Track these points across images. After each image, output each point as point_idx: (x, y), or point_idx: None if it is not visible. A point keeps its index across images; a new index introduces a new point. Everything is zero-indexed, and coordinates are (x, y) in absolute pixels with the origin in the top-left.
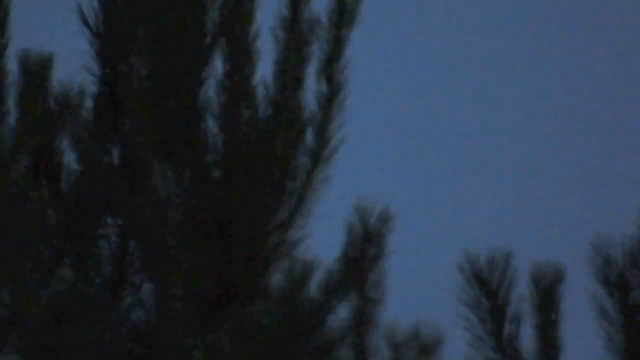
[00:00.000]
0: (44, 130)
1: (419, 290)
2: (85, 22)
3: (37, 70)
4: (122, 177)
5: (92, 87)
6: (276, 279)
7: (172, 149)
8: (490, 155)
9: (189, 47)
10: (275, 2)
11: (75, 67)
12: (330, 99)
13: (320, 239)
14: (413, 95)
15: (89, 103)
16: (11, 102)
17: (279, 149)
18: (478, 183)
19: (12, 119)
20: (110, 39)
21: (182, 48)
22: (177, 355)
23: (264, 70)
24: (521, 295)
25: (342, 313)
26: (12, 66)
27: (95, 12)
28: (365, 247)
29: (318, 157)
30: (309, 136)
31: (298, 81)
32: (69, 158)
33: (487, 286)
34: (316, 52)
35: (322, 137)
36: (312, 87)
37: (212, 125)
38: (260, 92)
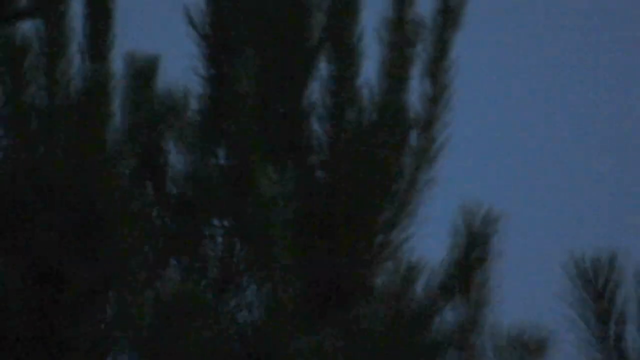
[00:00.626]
0: (149, 132)
1: (524, 292)
2: (192, 23)
3: (143, 71)
4: (228, 178)
5: (198, 89)
6: (382, 280)
7: (277, 150)
8: (595, 156)
9: (294, 49)
10: (380, 3)
11: (181, 68)
12: (435, 100)
13: (425, 240)
14: (519, 95)
15: (194, 104)
16: (117, 104)
17: (384, 150)
18: (583, 183)
19: (117, 120)
20: (216, 40)
21: (287, 50)
22: (283, 357)
23: (369, 71)
24: (627, 296)
25: (447, 315)
26: (118, 68)
27: (202, 14)
28: (470, 249)
29: (423, 158)
30: (414, 137)
31: (403, 82)
32: (175, 159)
33: (592, 287)
34: (421, 53)
35: (427, 138)
36: (417, 88)
37: (317, 126)
38: (365, 93)
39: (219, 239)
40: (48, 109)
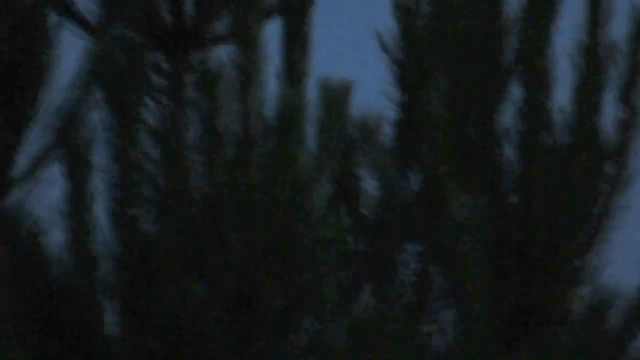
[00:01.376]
0: (343, 157)
1: None
2: (384, 48)
3: (336, 97)
4: (421, 203)
5: (391, 114)
6: (576, 305)
7: (469, 175)
8: None
9: (486, 73)
10: (573, 27)
11: (374, 93)
12: (628, 125)
13: (619, 266)
14: None
15: (388, 130)
16: (311, 129)
17: (578, 175)
18: None
19: (311, 146)
20: (408, 65)
21: (478, 74)
22: None
23: (561, 95)
24: None
25: None
26: (312, 93)
27: (394, 39)
28: None
29: (616, 183)
30: (607, 162)
31: (596, 107)
32: (368, 184)
33: None
34: (614, 77)
35: (621, 163)
36: (610, 112)
37: (509, 151)
38: (557, 118)
39: (413, 264)
40: (242, 134)
